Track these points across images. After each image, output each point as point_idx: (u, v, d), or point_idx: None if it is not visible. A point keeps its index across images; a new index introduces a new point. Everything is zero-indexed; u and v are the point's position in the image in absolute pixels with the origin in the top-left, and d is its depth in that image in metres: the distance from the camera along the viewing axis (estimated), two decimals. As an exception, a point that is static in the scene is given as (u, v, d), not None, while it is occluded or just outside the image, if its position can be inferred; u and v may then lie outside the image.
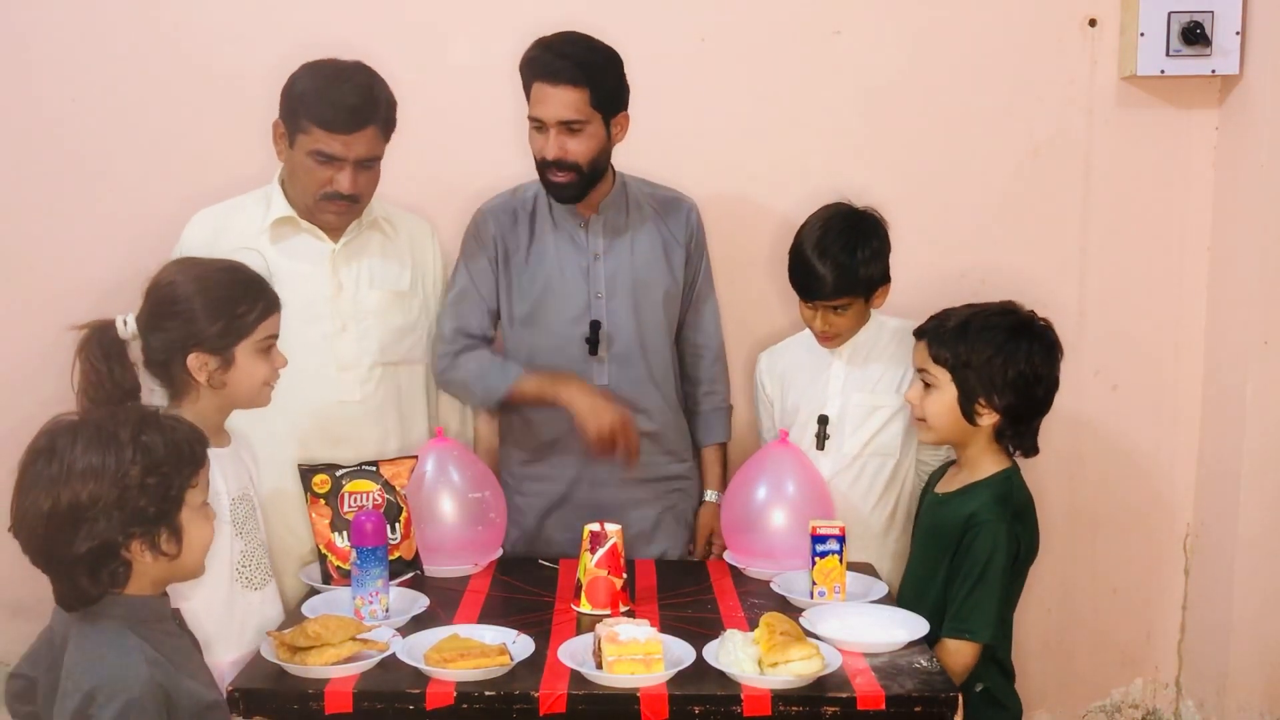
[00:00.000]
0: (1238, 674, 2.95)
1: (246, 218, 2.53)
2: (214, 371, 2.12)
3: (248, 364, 2.14)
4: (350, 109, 2.39)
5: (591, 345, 2.61)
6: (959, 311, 2.39)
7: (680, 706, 1.91)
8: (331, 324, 2.51)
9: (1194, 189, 3.04)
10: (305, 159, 2.42)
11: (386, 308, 2.57)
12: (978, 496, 2.28)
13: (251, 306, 2.14)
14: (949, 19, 3.00)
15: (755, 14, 2.98)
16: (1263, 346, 2.86)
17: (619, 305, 2.65)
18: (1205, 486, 3.09)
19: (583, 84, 2.48)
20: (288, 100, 2.44)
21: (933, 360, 2.34)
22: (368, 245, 2.57)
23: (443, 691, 1.92)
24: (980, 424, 2.31)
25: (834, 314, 2.56)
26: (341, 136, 2.39)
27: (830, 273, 2.50)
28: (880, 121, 3.02)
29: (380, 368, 2.56)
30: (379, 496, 2.40)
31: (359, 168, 2.43)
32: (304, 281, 2.47)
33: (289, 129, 2.44)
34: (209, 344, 2.11)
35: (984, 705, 2.25)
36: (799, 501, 2.50)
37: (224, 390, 2.14)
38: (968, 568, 2.21)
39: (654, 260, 2.69)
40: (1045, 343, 2.32)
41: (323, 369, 2.49)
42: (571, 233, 2.67)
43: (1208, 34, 2.87)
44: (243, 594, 2.18)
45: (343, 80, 2.41)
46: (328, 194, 2.44)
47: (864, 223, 2.57)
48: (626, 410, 2.54)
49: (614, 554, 2.29)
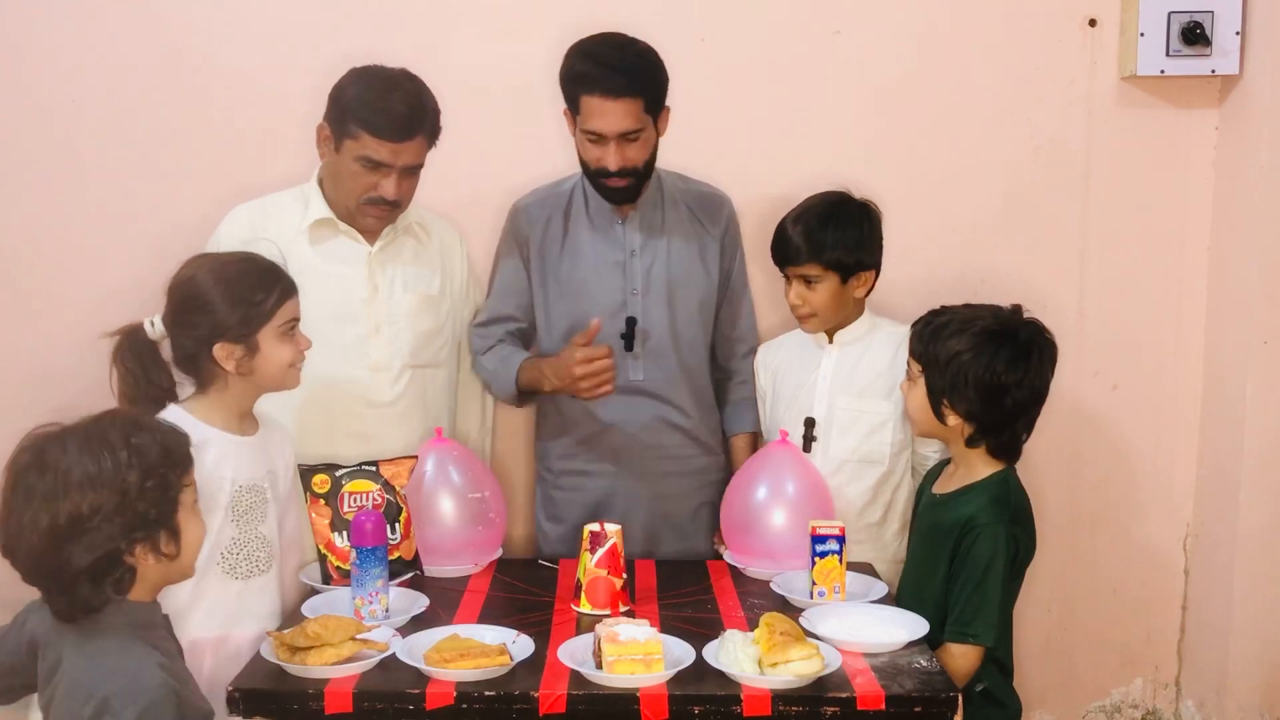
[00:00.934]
0: (1238, 674, 2.95)
1: (284, 216, 2.56)
2: (240, 359, 2.18)
3: (272, 349, 2.20)
4: (401, 117, 2.43)
5: (627, 341, 2.64)
6: (953, 309, 2.39)
7: (680, 706, 1.91)
8: (366, 325, 2.56)
9: (1194, 189, 3.04)
10: (352, 163, 2.45)
11: (418, 311, 2.62)
12: (975, 499, 2.27)
13: (269, 293, 2.20)
14: (949, 19, 3.00)
15: (755, 14, 2.98)
16: (1263, 346, 2.86)
17: (654, 302, 2.69)
18: (1205, 486, 3.09)
19: (637, 94, 2.50)
20: (336, 105, 2.47)
21: (910, 353, 2.36)
22: (402, 250, 2.62)
23: (443, 691, 1.92)
24: (948, 424, 2.32)
25: (806, 287, 2.57)
26: (391, 144, 2.43)
27: (799, 238, 2.55)
28: (880, 121, 3.02)
29: (410, 370, 2.61)
30: (379, 496, 2.40)
31: (404, 175, 2.48)
32: (341, 283, 2.53)
33: (336, 133, 2.47)
34: (233, 333, 2.17)
35: (983, 705, 2.25)
36: (799, 501, 2.50)
37: (252, 377, 2.21)
38: (968, 571, 2.21)
39: (689, 256, 2.72)
40: (1019, 352, 2.25)
41: (355, 370, 2.54)
42: (608, 229, 2.70)
43: (1208, 34, 2.87)
44: (221, 580, 2.19)
45: (394, 88, 2.45)
46: (371, 199, 2.49)
47: (850, 205, 2.61)
48: (580, 348, 2.50)
49: (614, 554, 2.29)
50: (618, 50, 2.53)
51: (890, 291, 2.80)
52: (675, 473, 2.75)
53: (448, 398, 2.75)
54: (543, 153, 2.88)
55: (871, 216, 2.62)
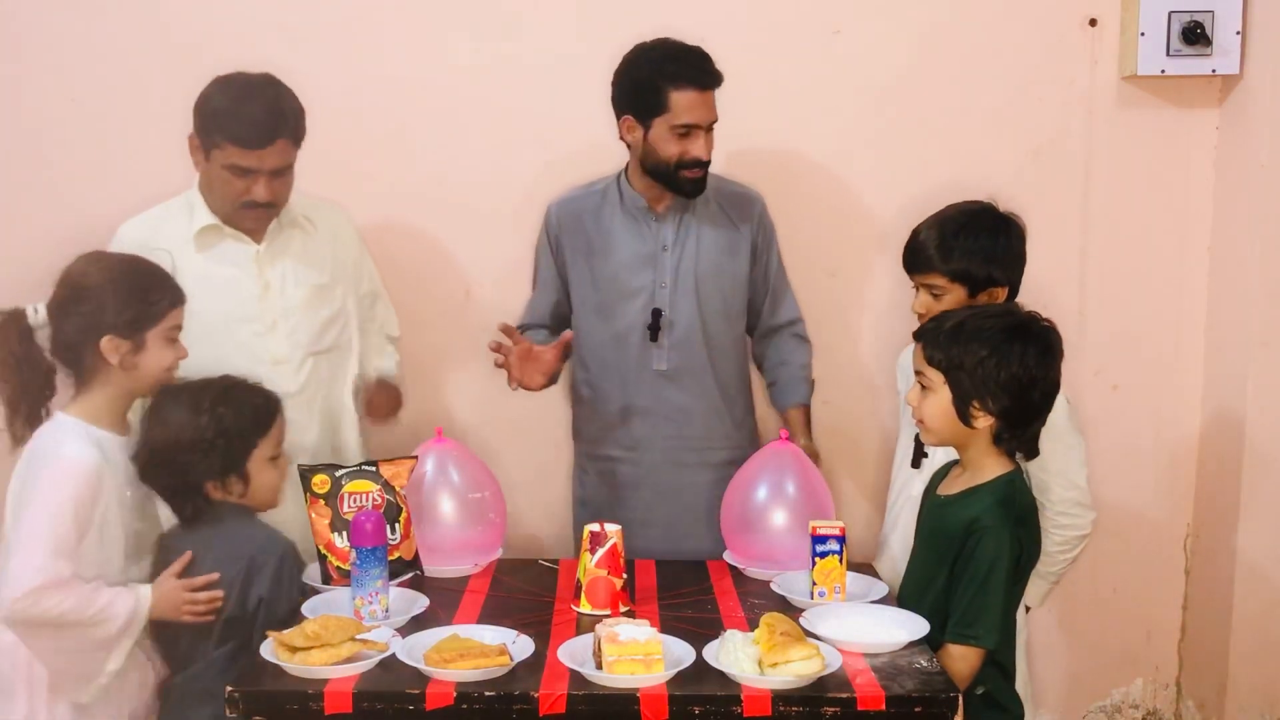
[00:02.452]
0: (1238, 674, 2.95)
1: (174, 225, 2.61)
2: (126, 354, 2.25)
3: (156, 349, 2.29)
4: (260, 124, 2.47)
5: (652, 332, 2.75)
6: (957, 313, 2.34)
7: (680, 707, 1.91)
8: (262, 323, 2.61)
9: (1194, 189, 3.04)
10: (221, 172, 2.51)
11: (310, 302, 2.66)
12: (980, 501, 2.25)
13: (161, 295, 2.30)
14: (949, 19, 3.00)
15: (755, 14, 2.99)
16: (1263, 347, 2.86)
17: (682, 295, 2.77)
18: (1205, 486, 3.09)
19: (718, 85, 2.66)
20: (201, 116, 2.52)
21: (927, 362, 2.31)
22: (289, 243, 2.66)
23: (442, 692, 1.92)
24: (976, 427, 2.28)
25: (930, 296, 2.51)
26: (255, 151, 2.48)
27: (925, 246, 2.48)
28: (880, 121, 3.02)
29: (311, 358, 2.66)
30: (378, 496, 2.40)
31: (273, 177, 2.52)
32: (233, 284, 2.59)
33: (204, 143, 2.52)
34: (122, 329, 2.24)
35: (984, 708, 2.24)
36: (799, 502, 2.49)
37: (134, 373, 2.27)
38: (971, 573, 2.20)
39: (718, 252, 2.80)
40: (1041, 345, 2.25)
41: (256, 365, 2.55)
42: (642, 225, 2.79)
43: (1208, 34, 2.87)
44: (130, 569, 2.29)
45: (252, 96, 2.49)
46: (246, 203, 2.54)
47: (986, 215, 2.51)
48: (503, 339, 2.65)
49: (614, 554, 2.29)
50: (694, 49, 2.67)
51: (891, 292, 2.80)
52: (696, 464, 2.81)
53: (347, 379, 2.77)
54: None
55: (1011, 230, 2.51)
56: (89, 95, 2.99)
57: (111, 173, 3.00)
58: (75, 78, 2.99)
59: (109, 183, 2.98)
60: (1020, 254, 2.52)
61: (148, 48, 2.97)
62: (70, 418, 2.26)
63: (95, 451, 2.20)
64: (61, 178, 3.02)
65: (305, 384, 2.63)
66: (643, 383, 2.78)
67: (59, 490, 2.15)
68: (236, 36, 2.96)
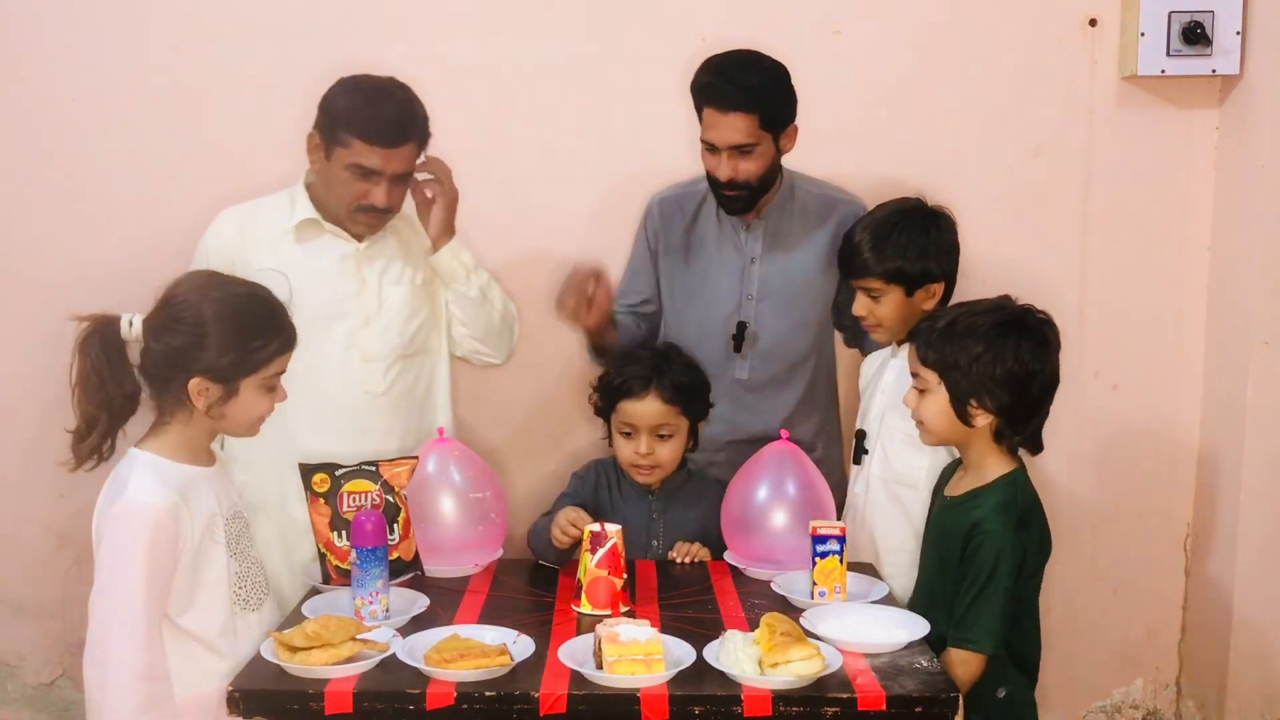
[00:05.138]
0: (1238, 674, 2.95)
1: (270, 219, 2.59)
2: (214, 401, 2.06)
3: (250, 398, 2.09)
4: (393, 123, 2.46)
5: (736, 343, 2.74)
6: (948, 312, 2.32)
7: (680, 707, 1.91)
8: (355, 319, 2.59)
9: (1194, 189, 3.04)
10: (343, 172, 2.48)
11: (405, 302, 2.65)
12: (983, 503, 2.24)
13: (267, 342, 2.09)
14: (949, 19, 3.00)
15: (755, 14, 2.98)
16: (1263, 346, 2.86)
17: (768, 308, 2.76)
18: (1205, 486, 3.09)
19: (752, 109, 2.57)
20: (326, 113, 2.50)
21: (921, 363, 2.29)
22: (387, 245, 2.65)
23: (443, 692, 1.92)
24: (976, 425, 2.26)
25: (870, 299, 2.53)
26: (382, 151, 2.45)
27: (856, 250, 2.51)
28: (880, 121, 3.02)
29: (401, 359, 2.64)
30: (378, 496, 2.40)
31: (395, 182, 2.50)
32: (328, 278, 2.57)
33: (326, 141, 2.50)
34: (216, 373, 2.04)
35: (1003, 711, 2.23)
36: (799, 502, 2.49)
37: (220, 421, 2.10)
38: (971, 577, 2.19)
39: (810, 264, 2.76)
40: (1037, 338, 2.24)
41: (347, 362, 2.57)
42: (732, 234, 2.78)
43: (1208, 34, 2.87)
44: (241, 615, 2.13)
45: (384, 97, 2.48)
46: (362, 206, 2.52)
47: (914, 213, 2.53)
48: (574, 277, 2.68)
49: (614, 554, 2.29)
50: (740, 66, 2.61)
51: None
52: None
53: (438, 383, 2.78)
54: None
55: (941, 223, 2.53)
56: (89, 95, 2.98)
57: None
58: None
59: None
60: (953, 244, 2.55)
61: (148, 47, 2.97)
62: (146, 454, 2.05)
63: (171, 494, 2.01)
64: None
65: (392, 385, 2.62)
66: (720, 387, 2.71)
67: (136, 540, 1.95)
68: (236, 36, 2.95)
